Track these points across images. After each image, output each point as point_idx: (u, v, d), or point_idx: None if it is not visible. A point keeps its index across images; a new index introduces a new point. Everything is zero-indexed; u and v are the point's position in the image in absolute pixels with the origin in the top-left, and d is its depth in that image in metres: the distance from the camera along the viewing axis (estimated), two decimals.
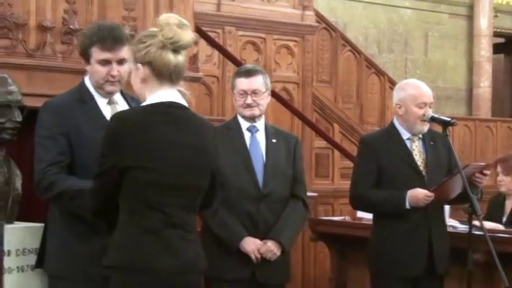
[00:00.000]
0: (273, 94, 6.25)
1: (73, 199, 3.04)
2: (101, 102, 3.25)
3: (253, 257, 3.68)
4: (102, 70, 3.19)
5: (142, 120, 2.62)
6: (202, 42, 5.63)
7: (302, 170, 3.96)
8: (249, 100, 3.79)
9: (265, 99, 3.83)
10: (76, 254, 3.10)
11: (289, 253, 3.89)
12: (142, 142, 2.59)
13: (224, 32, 6.62)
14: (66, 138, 3.13)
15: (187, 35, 2.65)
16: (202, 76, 4.94)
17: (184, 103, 2.70)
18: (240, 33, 6.72)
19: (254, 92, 3.79)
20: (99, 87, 3.23)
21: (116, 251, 2.62)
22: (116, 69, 3.20)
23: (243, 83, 3.81)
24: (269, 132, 3.87)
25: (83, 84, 3.27)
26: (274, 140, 3.85)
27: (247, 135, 3.83)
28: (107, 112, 3.21)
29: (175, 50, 2.64)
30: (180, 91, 2.70)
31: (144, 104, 2.68)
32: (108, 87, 3.22)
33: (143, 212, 2.59)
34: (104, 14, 4.38)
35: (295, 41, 6.96)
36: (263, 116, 3.89)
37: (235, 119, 3.89)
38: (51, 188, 3.09)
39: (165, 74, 2.65)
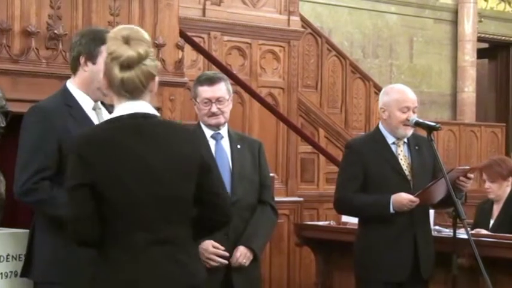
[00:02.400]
0: (259, 99, 6.29)
1: (54, 210, 3.00)
2: (86, 107, 3.19)
3: (220, 262, 3.60)
4: None
5: (109, 135, 2.51)
6: (188, 47, 5.62)
7: (268, 175, 3.94)
8: (214, 108, 3.74)
9: (229, 106, 3.80)
10: (65, 261, 3.03)
11: (260, 261, 3.85)
12: (111, 158, 2.47)
13: (209, 37, 6.61)
14: (55, 143, 3.05)
15: (131, 50, 2.51)
16: (188, 81, 4.93)
17: (153, 112, 2.58)
18: (226, 38, 6.72)
19: (218, 100, 3.75)
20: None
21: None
22: None
23: (206, 92, 3.75)
24: (233, 138, 3.84)
25: (66, 89, 3.19)
26: (238, 146, 3.82)
27: (212, 143, 3.79)
28: (94, 118, 3.17)
29: (121, 65, 2.52)
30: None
31: (109, 117, 2.61)
32: None
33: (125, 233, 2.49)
34: (89, 19, 4.38)
35: (281, 46, 6.96)
36: (226, 123, 3.85)
37: (198, 127, 3.83)
38: (33, 193, 3.04)
39: (115, 89, 2.57)
